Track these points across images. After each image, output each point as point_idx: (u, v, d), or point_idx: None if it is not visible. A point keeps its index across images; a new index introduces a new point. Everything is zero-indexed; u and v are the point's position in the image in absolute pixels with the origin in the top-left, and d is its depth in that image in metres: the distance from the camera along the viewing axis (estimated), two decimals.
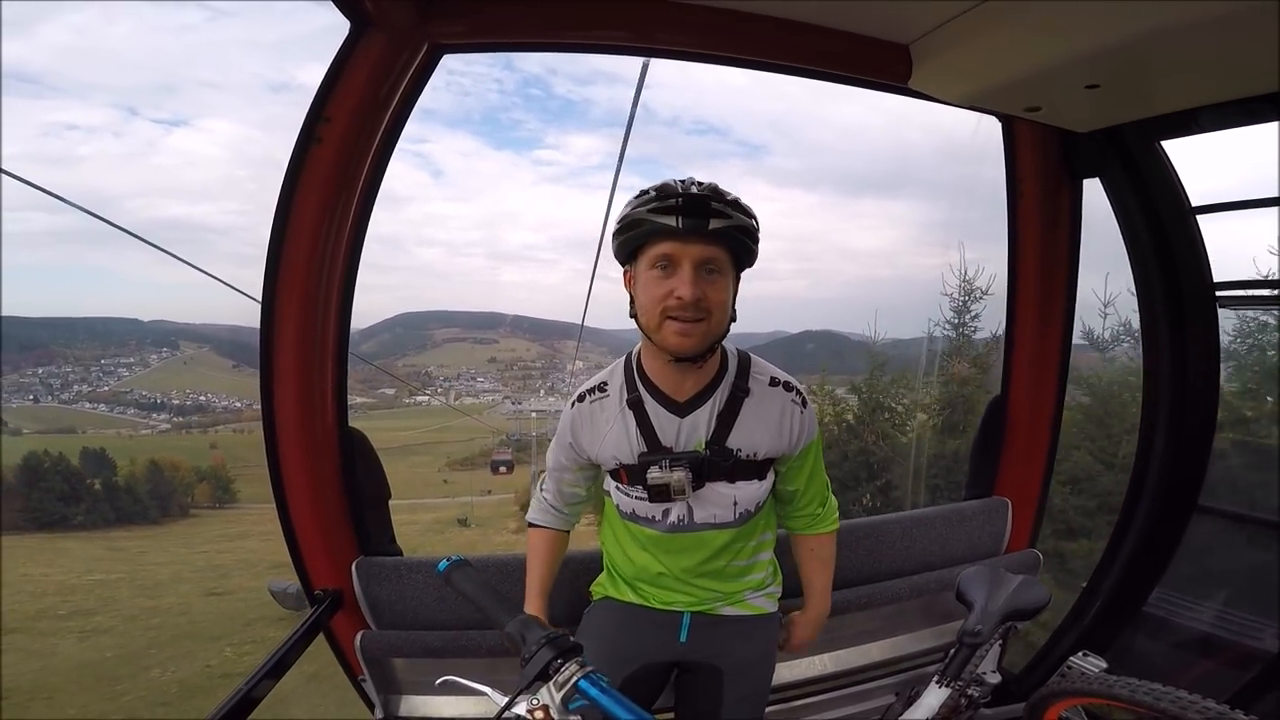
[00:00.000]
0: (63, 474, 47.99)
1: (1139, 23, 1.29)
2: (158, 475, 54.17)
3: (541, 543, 1.59)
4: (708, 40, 1.66)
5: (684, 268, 1.19)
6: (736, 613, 1.55)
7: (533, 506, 1.63)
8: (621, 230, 1.24)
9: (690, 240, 1.18)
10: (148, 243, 4.52)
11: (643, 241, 1.23)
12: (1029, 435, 2.29)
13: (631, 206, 1.22)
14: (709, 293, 1.20)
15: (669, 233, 1.18)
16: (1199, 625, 2.16)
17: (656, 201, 1.19)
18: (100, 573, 24.80)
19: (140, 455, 59.37)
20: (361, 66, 1.48)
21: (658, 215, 1.18)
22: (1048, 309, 2.20)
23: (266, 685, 1.47)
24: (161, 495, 52.83)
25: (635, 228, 1.22)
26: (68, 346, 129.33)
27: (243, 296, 1.87)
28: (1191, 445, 2.10)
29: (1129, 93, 1.64)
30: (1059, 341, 2.22)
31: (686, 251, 1.19)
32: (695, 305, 1.19)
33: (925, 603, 2.12)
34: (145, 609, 18.95)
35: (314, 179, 1.54)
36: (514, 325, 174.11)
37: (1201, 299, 1.98)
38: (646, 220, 1.19)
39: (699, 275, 1.20)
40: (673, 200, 1.17)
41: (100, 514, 47.27)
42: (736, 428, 1.38)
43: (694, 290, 1.18)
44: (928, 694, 1.35)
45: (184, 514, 52.60)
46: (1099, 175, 2.02)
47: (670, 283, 1.20)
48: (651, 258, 1.22)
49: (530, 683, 0.96)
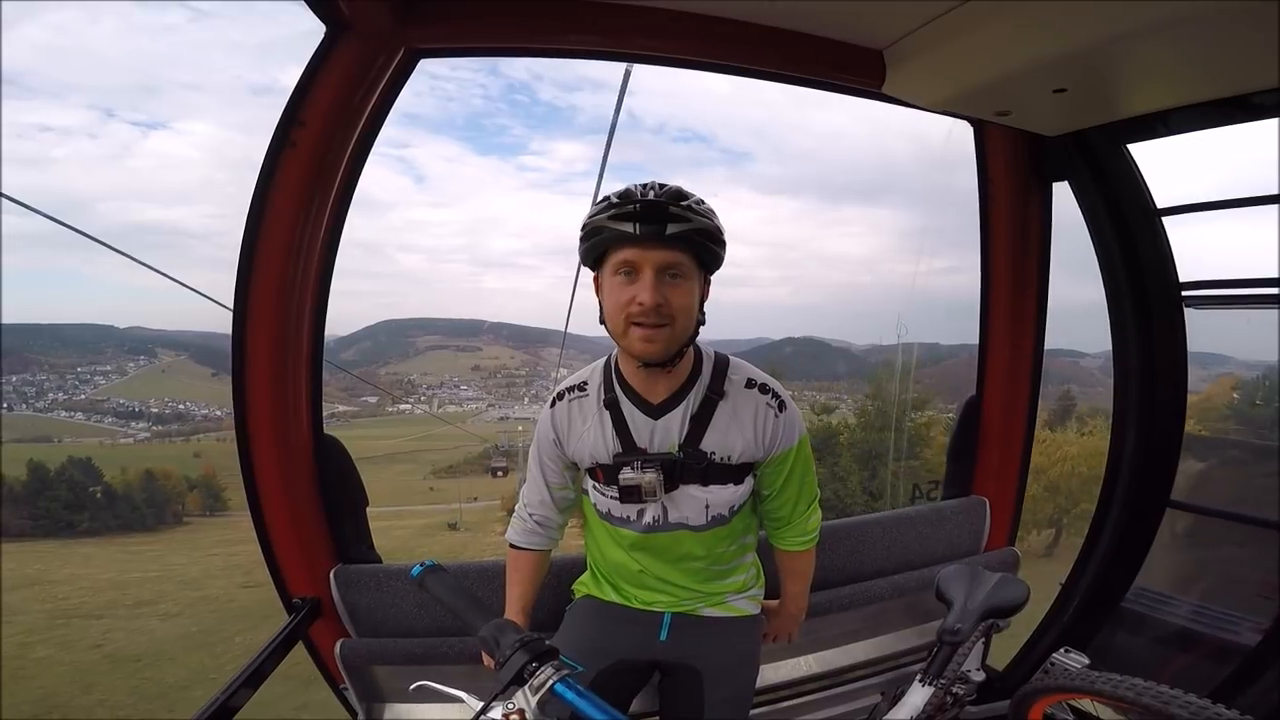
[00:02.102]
0: (68, 482, 49.17)
1: (1104, 27, 1.32)
2: (152, 484, 54.24)
3: (524, 563, 1.56)
4: (684, 45, 1.67)
5: (645, 274, 1.19)
6: (717, 614, 1.55)
7: (512, 528, 1.57)
8: (585, 238, 1.25)
9: (649, 246, 1.18)
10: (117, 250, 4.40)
11: (605, 248, 1.23)
12: (1004, 435, 2.33)
13: (593, 214, 1.23)
14: (671, 297, 1.20)
15: (629, 239, 1.18)
16: (1177, 620, 2.19)
17: (616, 208, 1.19)
18: (136, 572, 27.32)
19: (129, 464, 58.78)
20: (336, 70, 1.47)
21: (616, 222, 1.18)
22: (1020, 310, 2.24)
23: (244, 694, 1.44)
24: (157, 504, 53.53)
25: (596, 234, 1.22)
26: (42, 354, 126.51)
27: (222, 299, 1.84)
28: (1162, 443, 2.13)
29: (1095, 97, 1.67)
30: (1031, 342, 2.26)
31: (646, 257, 1.19)
32: (657, 311, 1.19)
33: (907, 602, 2.14)
34: (196, 599, 21.78)
35: (287, 183, 1.53)
36: (496, 333, 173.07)
37: (1168, 300, 2.02)
38: (606, 227, 1.20)
39: (660, 280, 1.20)
40: (630, 206, 1.18)
41: (103, 521, 48.36)
42: (710, 430, 1.37)
43: (654, 296, 1.18)
44: (912, 693, 1.36)
45: (178, 522, 53.05)
46: (1068, 179, 2.05)
47: (632, 289, 1.20)
48: (614, 264, 1.22)
49: (505, 687, 0.95)
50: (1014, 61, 1.50)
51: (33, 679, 14.63)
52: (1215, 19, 1.25)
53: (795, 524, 1.53)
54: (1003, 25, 1.41)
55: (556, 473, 1.50)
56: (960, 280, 2.79)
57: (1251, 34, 1.29)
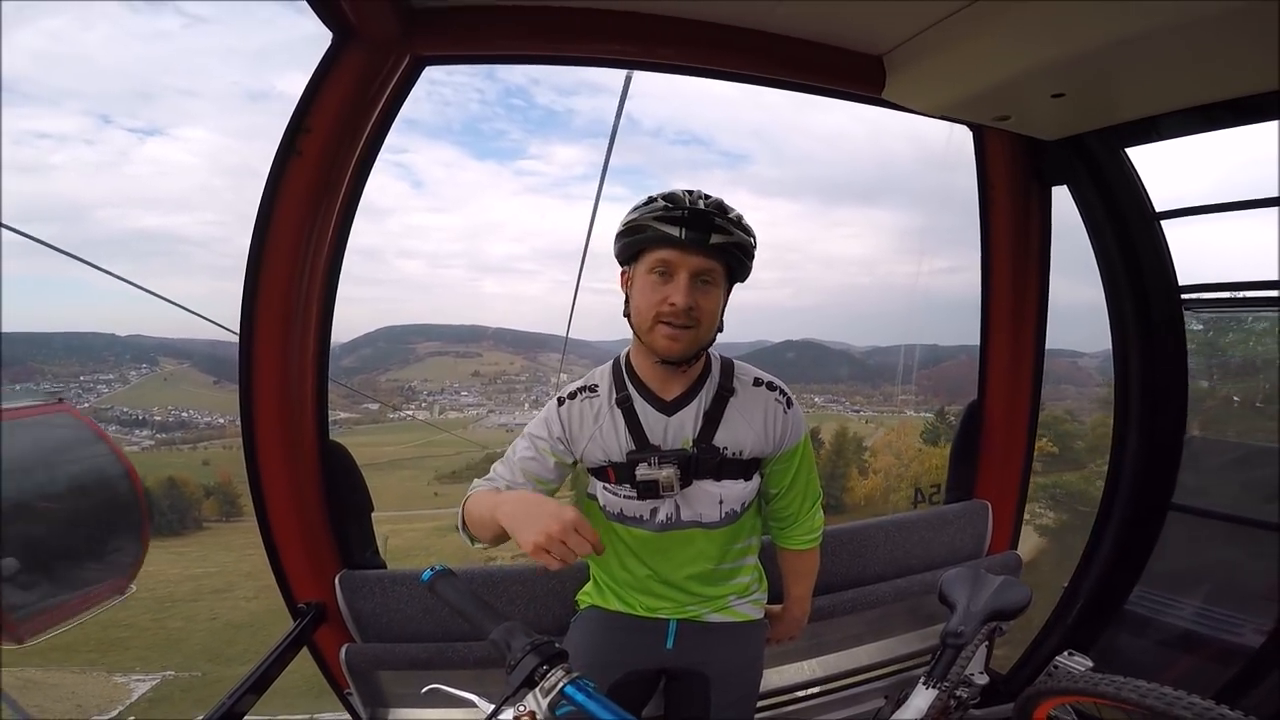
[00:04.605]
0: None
1: (1102, 32, 1.34)
2: (175, 491, 55.76)
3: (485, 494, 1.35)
4: (686, 52, 1.70)
5: (681, 276, 1.24)
6: (722, 619, 1.55)
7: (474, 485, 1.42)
8: (626, 233, 1.29)
9: (690, 251, 1.23)
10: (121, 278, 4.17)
11: (644, 246, 1.27)
12: (1006, 438, 2.33)
13: (639, 212, 1.27)
14: (701, 302, 1.25)
15: (671, 242, 1.23)
16: (1180, 622, 2.19)
17: (664, 210, 1.23)
18: (195, 568, 30.39)
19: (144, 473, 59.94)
20: (343, 78, 1.49)
21: (663, 224, 1.23)
22: (1021, 314, 2.25)
23: (249, 700, 1.45)
24: (180, 509, 55.06)
25: (639, 232, 1.26)
26: (44, 363, 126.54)
27: (223, 306, 1.85)
28: (1163, 445, 2.14)
29: (1094, 101, 1.69)
30: (1032, 345, 2.27)
31: (686, 261, 1.24)
32: (687, 313, 1.24)
33: (910, 606, 2.14)
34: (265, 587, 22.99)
35: (294, 190, 1.54)
36: (496, 338, 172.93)
37: (1167, 302, 2.03)
38: (651, 227, 1.24)
39: (694, 285, 1.25)
40: (679, 212, 1.23)
41: None
42: (723, 426, 1.40)
43: (688, 299, 1.23)
44: (915, 696, 1.36)
45: (199, 527, 54.48)
46: (1066, 183, 2.07)
47: (666, 289, 1.25)
48: (651, 263, 1.26)
49: (516, 689, 0.95)
50: (1013, 67, 1.52)
51: (187, 640, 20.44)
52: (1212, 23, 1.27)
53: (802, 522, 1.54)
54: (1002, 31, 1.43)
55: (543, 469, 1.42)
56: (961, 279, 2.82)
57: (1248, 38, 1.31)
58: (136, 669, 17.45)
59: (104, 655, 18.63)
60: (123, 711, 15.21)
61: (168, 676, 17.00)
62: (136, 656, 18.62)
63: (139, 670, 17.38)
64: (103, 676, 17.00)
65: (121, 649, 19.52)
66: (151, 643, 20.29)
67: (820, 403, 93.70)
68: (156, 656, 18.50)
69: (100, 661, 18.09)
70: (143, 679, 16.79)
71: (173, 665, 17.78)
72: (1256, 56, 1.37)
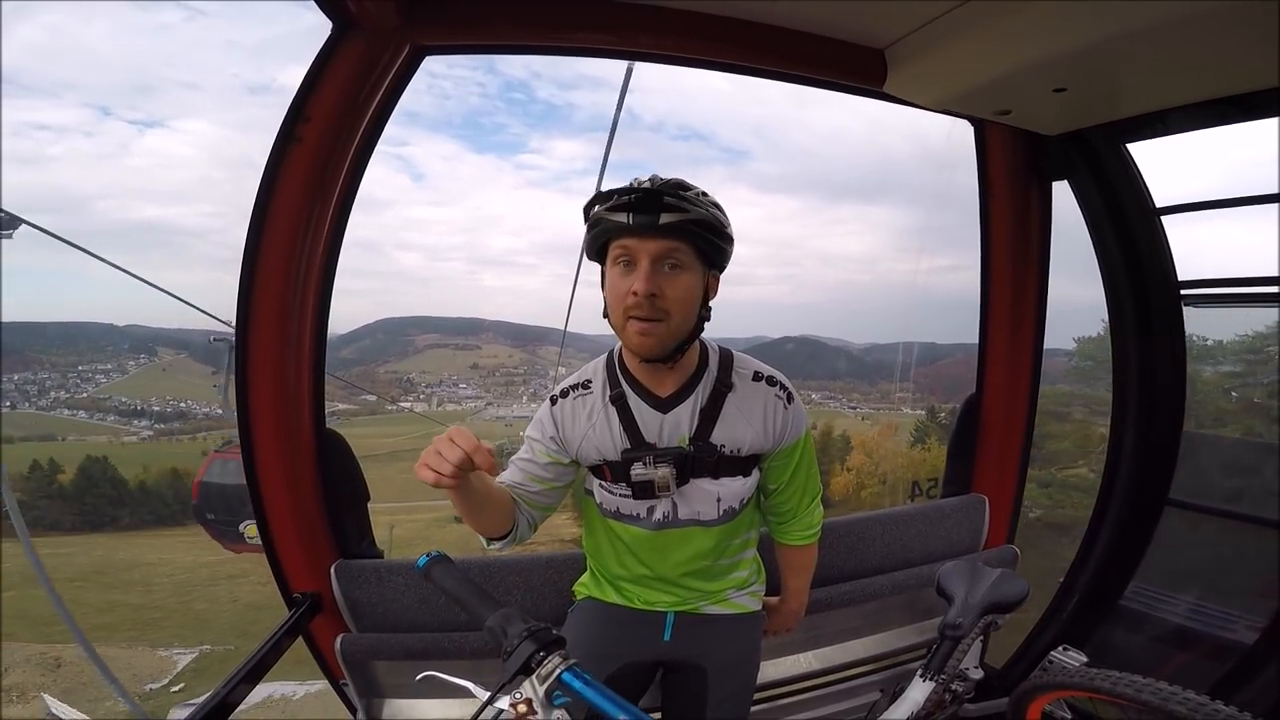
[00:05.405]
0: (110, 480, 53.56)
1: (1103, 27, 1.33)
2: (179, 482, 56.98)
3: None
4: (687, 44, 1.68)
5: (641, 263, 1.19)
6: (720, 611, 1.54)
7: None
8: (587, 231, 1.26)
9: (645, 236, 1.18)
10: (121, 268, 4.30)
11: (605, 240, 1.24)
12: (1003, 433, 2.33)
13: (596, 207, 1.23)
14: (667, 289, 1.19)
15: (623, 229, 1.18)
16: (1175, 618, 2.20)
17: (616, 199, 1.19)
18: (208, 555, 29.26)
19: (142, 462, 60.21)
20: (342, 67, 1.47)
21: (612, 213, 1.18)
22: (1020, 308, 2.24)
23: (243, 690, 1.44)
24: (183, 500, 56.01)
25: (596, 226, 1.23)
26: (42, 352, 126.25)
27: (220, 296, 1.85)
28: (1161, 441, 2.14)
29: (1095, 96, 1.68)
30: (1031, 340, 2.27)
31: (643, 247, 1.18)
32: (651, 302, 1.18)
33: (907, 599, 2.15)
34: None
35: (292, 179, 1.53)
36: (495, 331, 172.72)
37: (1167, 298, 2.03)
38: (604, 219, 1.20)
39: (657, 270, 1.19)
40: (626, 197, 1.17)
41: (140, 516, 51.98)
42: (720, 423, 1.36)
43: (648, 285, 1.17)
44: (912, 689, 1.36)
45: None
46: (1067, 178, 2.07)
47: (630, 280, 1.20)
48: (613, 256, 1.23)
49: (513, 676, 0.95)
50: (1014, 61, 1.51)
51: (216, 619, 21.75)
52: (1214, 19, 1.26)
53: (801, 518, 1.53)
54: (1003, 25, 1.42)
55: (541, 468, 1.42)
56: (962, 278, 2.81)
57: (1250, 34, 1.30)
58: (175, 644, 19.11)
59: (143, 633, 20.54)
60: (174, 678, 16.77)
61: (204, 650, 18.55)
62: (172, 634, 20.21)
63: (178, 645, 19.02)
64: (148, 651, 18.70)
65: (157, 628, 21.25)
66: (182, 622, 21.90)
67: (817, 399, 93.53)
68: (190, 634, 20.02)
69: (141, 638, 19.90)
70: (183, 652, 18.48)
71: (207, 640, 19.30)
72: (1259, 53, 1.36)
